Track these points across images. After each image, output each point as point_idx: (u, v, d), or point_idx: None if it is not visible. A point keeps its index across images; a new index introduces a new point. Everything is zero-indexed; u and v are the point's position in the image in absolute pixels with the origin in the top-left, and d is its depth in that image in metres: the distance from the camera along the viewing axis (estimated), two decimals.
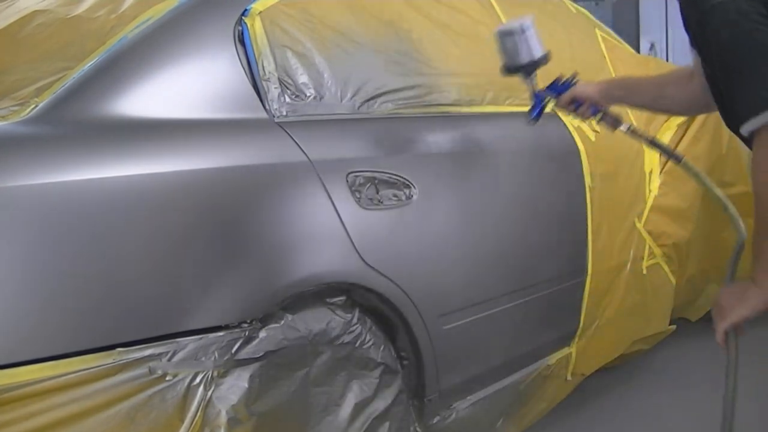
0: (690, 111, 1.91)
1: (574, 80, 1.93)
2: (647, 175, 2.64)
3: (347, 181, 1.68)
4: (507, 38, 1.85)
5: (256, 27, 1.67)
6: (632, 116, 2.57)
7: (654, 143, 1.91)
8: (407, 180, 1.79)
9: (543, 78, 1.97)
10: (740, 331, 1.43)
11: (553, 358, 2.33)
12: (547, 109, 2.01)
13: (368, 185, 1.72)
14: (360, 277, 1.67)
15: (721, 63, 1.39)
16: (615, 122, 1.90)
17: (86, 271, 1.30)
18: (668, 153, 1.94)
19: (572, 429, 2.58)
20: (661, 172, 2.70)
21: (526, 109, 2.27)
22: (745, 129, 1.34)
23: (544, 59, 1.88)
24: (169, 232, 1.40)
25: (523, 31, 1.83)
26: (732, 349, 1.43)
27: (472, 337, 1.97)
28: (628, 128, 1.90)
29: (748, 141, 1.37)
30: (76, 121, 1.41)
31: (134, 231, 1.36)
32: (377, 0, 2.06)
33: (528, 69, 1.89)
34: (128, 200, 1.36)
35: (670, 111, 1.94)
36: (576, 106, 1.91)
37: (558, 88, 1.94)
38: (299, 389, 1.58)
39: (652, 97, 1.87)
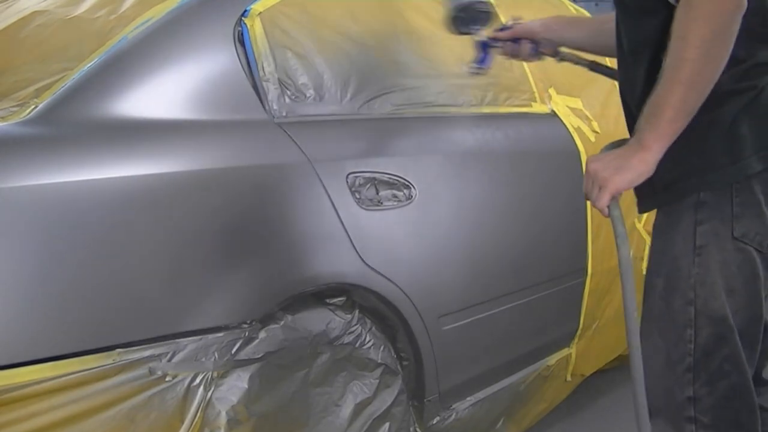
0: None
1: (516, 22, 1.88)
2: None
3: (347, 181, 1.68)
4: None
5: (255, 28, 1.67)
6: None
7: (595, 66, 1.82)
8: (407, 180, 1.79)
9: None
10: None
11: (553, 359, 2.33)
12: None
13: (368, 186, 1.72)
14: (360, 278, 1.67)
15: None
16: (553, 52, 1.85)
17: (86, 271, 1.30)
18: (611, 74, 1.78)
19: (572, 430, 2.58)
20: None
21: (526, 110, 2.28)
22: None
23: (492, 11, 1.84)
24: (169, 232, 1.40)
25: None
26: (618, 220, 1.35)
27: (472, 337, 1.97)
28: (565, 55, 1.84)
29: None
30: (76, 121, 1.41)
31: (134, 232, 1.36)
32: (377, 1, 2.07)
33: (480, 17, 1.83)
34: (128, 201, 1.36)
35: (611, 48, 1.74)
36: (516, 43, 1.85)
37: (502, 29, 1.89)
38: (299, 390, 1.58)
39: (590, 31, 1.78)
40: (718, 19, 1.20)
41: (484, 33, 1.84)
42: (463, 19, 1.80)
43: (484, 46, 1.87)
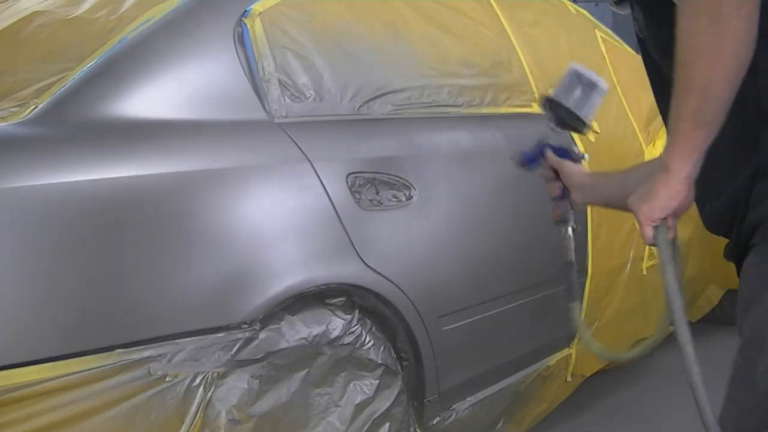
0: None
1: (580, 157, 1.62)
2: None
3: (347, 182, 1.68)
4: (584, 87, 1.56)
5: (256, 28, 1.67)
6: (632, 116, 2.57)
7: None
8: (407, 181, 1.79)
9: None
10: (671, 232, 1.19)
11: (553, 359, 2.33)
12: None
13: (368, 186, 1.72)
14: (360, 279, 1.67)
15: None
16: (565, 216, 1.63)
17: (86, 272, 1.30)
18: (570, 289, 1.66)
19: (572, 430, 2.58)
20: None
21: (526, 110, 2.28)
22: None
23: (587, 128, 1.61)
24: (169, 233, 1.40)
25: (601, 91, 1.57)
26: (663, 246, 1.17)
27: (471, 338, 1.97)
28: (570, 231, 1.65)
29: None
30: (76, 122, 1.41)
31: (134, 232, 1.36)
32: (377, 1, 2.07)
33: (571, 125, 1.60)
34: (128, 201, 1.36)
35: None
36: (554, 179, 1.60)
37: (561, 153, 1.62)
38: (299, 390, 1.58)
39: (618, 184, 1.49)
40: (712, 9, 1.02)
41: (552, 139, 1.61)
42: (560, 117, 1.58)
43: (541, 151, 1.62)
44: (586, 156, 1.67)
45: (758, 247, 1.14)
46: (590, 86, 1.57)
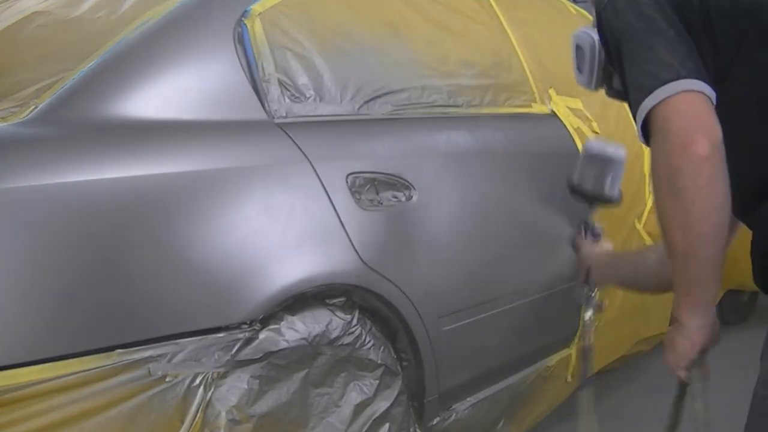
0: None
1: (599, 234, 1.88)
2: (647, 176, 2.64)
3: (347, 182, 1.68)
4: (601, 164, 1.75)
5: (255, 28, 1.67)
6: None
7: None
8: (407, 181, 1.79)
9: None
10: (704, 370, 1.25)
11: (553, 360, 2.33)
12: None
13: (368, 186, 1.72)
14: (360, 279, 1.67)
15: (616, 58, 1.20)
16: (588, 295, 1.86)
17: (86, 272, 1.30)
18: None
19: (572, 430, 2.58)
20: None
21: (526, 110, 2.28)
22: (638, 125, 1.11)
23: (618, 201, 1.80)
24: (169, 233, 1.40)
25: (620, 164, 1.73)
26: (697, 388, 1.25)
27: (472, 338, 1.97)
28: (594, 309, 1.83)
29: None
30: (76, 122, 1.41)
31: (134, 232, 1.36)
32: (377, 1, 2.07)
33: (601, 201, 1.81)
34: (128, 201, 1.36)
35: (651, 285, 1.64)
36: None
37: (595, 233, 1.89)
38: (299, 390, 1.58)
39: (631, 267, 1.66)
40: (669, 184, 1.05)
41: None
42: (589, 197, 1.79)
43: (588, 230, 1.88)
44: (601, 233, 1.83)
45: None
46: (606, 161, 1.68)
